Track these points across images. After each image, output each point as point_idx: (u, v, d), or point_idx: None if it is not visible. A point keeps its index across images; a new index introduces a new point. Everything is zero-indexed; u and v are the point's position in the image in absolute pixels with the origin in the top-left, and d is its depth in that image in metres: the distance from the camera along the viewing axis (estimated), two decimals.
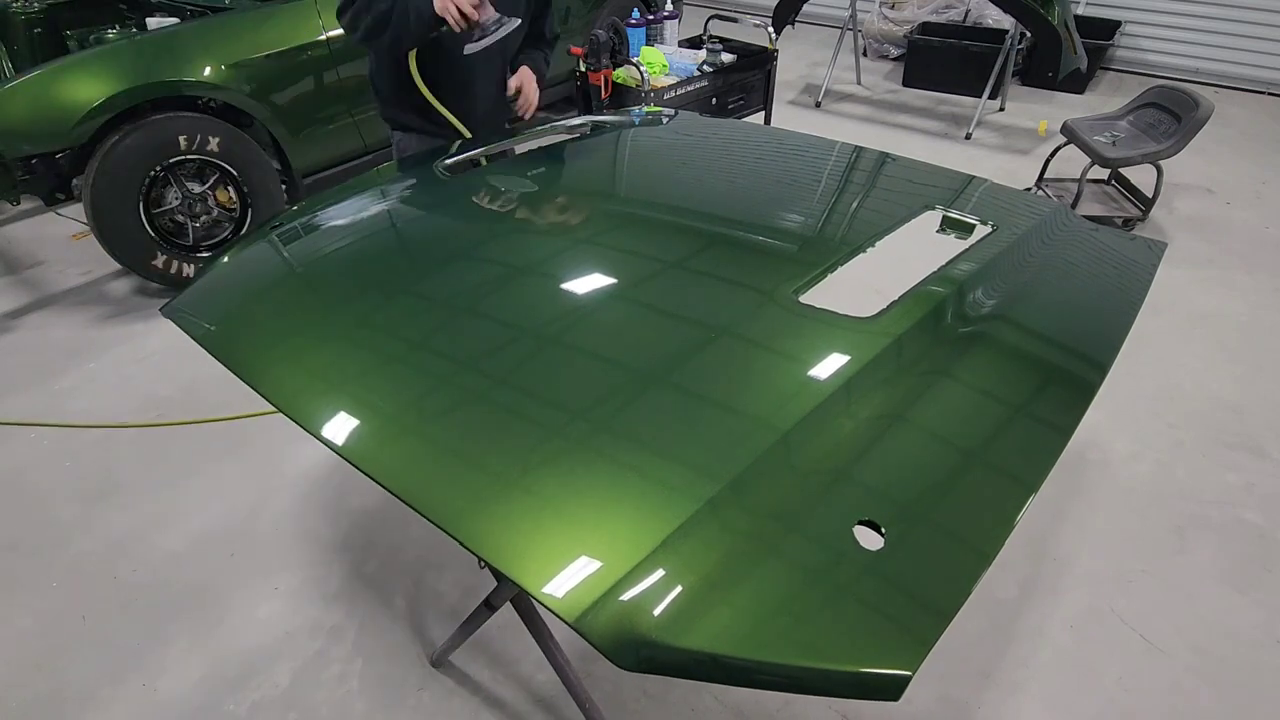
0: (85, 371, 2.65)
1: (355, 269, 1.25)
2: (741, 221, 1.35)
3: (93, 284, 3.17)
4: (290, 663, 1.75)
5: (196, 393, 2.53)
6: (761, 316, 1.07)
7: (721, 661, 0.70)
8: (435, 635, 1.79)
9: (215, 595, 1.90)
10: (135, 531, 2.06)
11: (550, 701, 1.66)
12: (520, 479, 0.86)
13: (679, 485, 0.83)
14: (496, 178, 1.56)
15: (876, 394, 0.97)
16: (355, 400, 0.96)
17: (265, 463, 2.27)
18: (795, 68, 5.42)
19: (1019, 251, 1.33)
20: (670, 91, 3.50)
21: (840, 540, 0.80)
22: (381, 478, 0.86)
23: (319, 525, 2.09)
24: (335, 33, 3.11)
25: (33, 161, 2.64)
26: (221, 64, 2.86)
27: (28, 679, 1.72)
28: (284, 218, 1.43)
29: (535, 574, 0.76)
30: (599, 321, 1.05)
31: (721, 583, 0.75)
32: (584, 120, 1.92)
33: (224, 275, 1.30)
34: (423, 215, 1.45)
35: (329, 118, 3.21)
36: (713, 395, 0.95)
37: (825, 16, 6.21)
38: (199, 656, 1.76)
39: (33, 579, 1.95)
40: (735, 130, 1.99)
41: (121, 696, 1.69)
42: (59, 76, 2.63)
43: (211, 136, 2.84)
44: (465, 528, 0.80)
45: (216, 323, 1.15)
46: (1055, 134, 4.02)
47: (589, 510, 0.83)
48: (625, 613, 0.72)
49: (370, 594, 1.91)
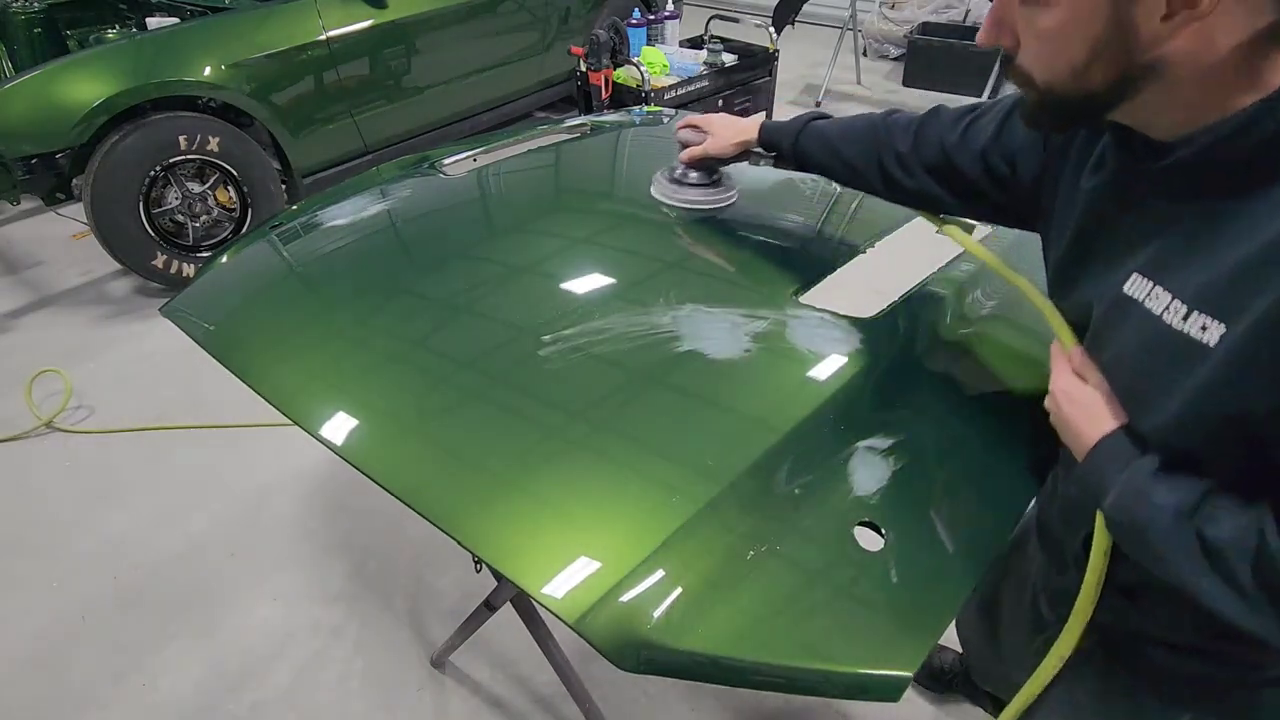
0: (85, 371, 2.65)
1: (355, 269, 1.24)
2: (741, 221, 1.34)
3: (93, 284, 3.17)
4: (290, 663, 1.75)
5: (196, 392, 2.53)
6: (761, 316, 1.07)
7: (721, 662, 0.70)
8: (435, 635, 1.79)
9: (215, 595, 1.90)
10: (135, 531, 2.06)
11: (550, 701, 1.66)
12: (520, 479, 0.85)
13: (679, 486, 0.83)
14: (496, 177, 1.56)
15: (877, 394, 0.97)
16: (355, 400, 0.96)
17: (265, 463, 2.27)
18: (795, 68, 5.42)
19: (1020, 250, 1.33)
20: (670, 92, 3.49)
21: (840, 540, 0.80)
22: (381, 478, 0.86)
23: (319, 525, 2.09)
24: (335, 32, 3.12)
25: (33, 161, 2.64)
26: (222, 64, 2.86)
27: (28, 679, 1.72)
28: (284, 218, 1.43)
29: (535, 574, 0.76)
30: (599, 321, 1.05)
31: (721, 583, 0.75)
32: (584, 120, 1.92)
33: (223, 275, 1.30)
34: (423, 215, 1.45)
35: (329, 118, 3.21)
36: (713, 396, 0.95)
37: (825, 16, 6.21)
38: (199, 656, 1.76)
39: (33, 579, 1.95)
40: None
41: (121, 696, 1.69)
42: (59, 76, 2.63)
43: (211, 136, 2.84)
44: (465, 528, 0.80)
45: (216, 323, 1.15)
46: None
47: (589, 511, 0.83)
48: (625, 613, 0.72)
49: (370, 594, 1.91)
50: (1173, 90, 0.58)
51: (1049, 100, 0.64)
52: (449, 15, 3.49)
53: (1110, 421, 0.69)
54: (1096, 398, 0.70)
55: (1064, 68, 0.61)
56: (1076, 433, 0.71)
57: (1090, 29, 0.57)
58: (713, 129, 1.23)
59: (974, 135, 0.92)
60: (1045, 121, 0.68)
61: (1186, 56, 0.56)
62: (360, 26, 3.20)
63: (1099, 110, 0.63)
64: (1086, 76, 0.60)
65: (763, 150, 1.17)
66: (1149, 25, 0.55)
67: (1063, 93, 0.62)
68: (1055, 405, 0.75)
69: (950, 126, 0.95)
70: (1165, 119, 0.62)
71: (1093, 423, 0.69)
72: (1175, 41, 0.55)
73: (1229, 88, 0.57)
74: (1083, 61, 0.59)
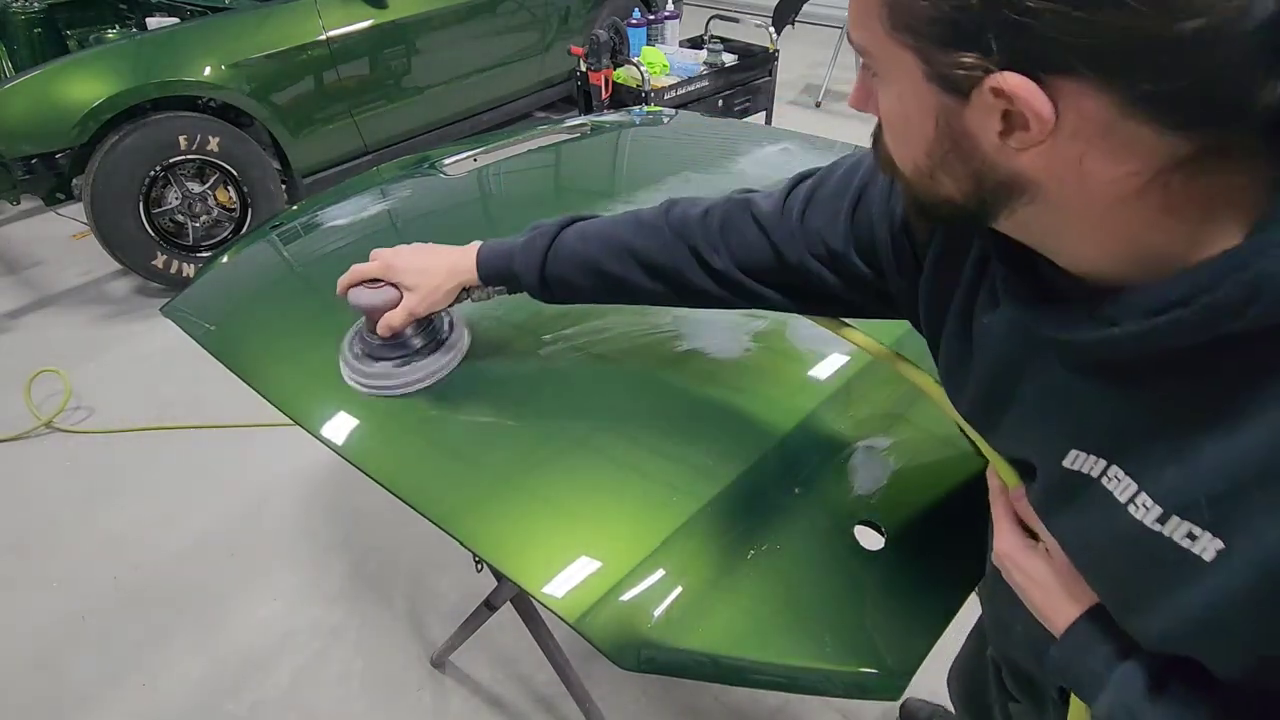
0: (85, 371, 2.65)
1: None
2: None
3: (93, 284, 3.17)
4: (290, 663, 1.75)
5: (197, 392, 2.53)
6: (761, 316, 1.07)
7: (721, 661, 0.70)
8: (435, 635, 1.79)
9: (215, 595, 1.90)
10: (135, 531, 2.06)
11: (550, 701, 1.66)
12: (520, 478, 0.86)
13: (680, 485, 0.83)
14: (496, 177, 1.56)
15: (877, 394, 0.97)
16: (355, 400, 0.96)
17: (266, 463, 2.27)
18: (795, 68, 5.42)
19: None
20: (670, 92, 3.49)
21: (840, 540, 0.80)
22: (382, 477, 0.86)
23: (319, 525, 2.09)
24: (335, 32, 3.12)
25: (33, 161, 2.64)
26: (222, 64, 2.86)
27: (28, 679, 1.72)
28: (284, 218, 1.43)
29: (535, 574, 0.76)
30: (599, 321, 1.05)
31: (722, 583, 0.75)
32: (584, 120, 1.92)
33: (224, 275, 1.30)
34: (423, 215, 1.45)
35: (329, 118, 3.21)
36: (713, 395, 0.95)
37: (825, 16, 6.21)
38: (199, 656, 1.76)
39: (33, 579, 1.95)
40: (734, 130, 1.99)
41: (121, 696, 1.69)
42: (59, 76, 2.63)
43: (211, 136, 2.84)
44: (465, 527, 0.80)
45: (216, 323, 1.15)
46: None
47: (589, 510, 0.83)
48: (626, 613, 0.72)
49: (370, 594, 1.91)
50: (1063, 216, 0.43)
51: (910, 196, 0.49)
52: (449, 15, 3.49)
53: (1074, 605, 0.54)
54: (1051, 574, 0.56)
55: (910, 166, 0.47)
56: (1036, 608, 0.58)
57: (921, 131, 0.44)
58: (405, 279, 0.87)
59: (815, 231, 0.70)
60: (919, 220, 0.53)
61: (1056, 180, 0.41)
62: (360, 26, 3.20)
63: (972, 219, 0.47)
64: (936, 182, 0.45)
65: (489, 287, 0.89)
66: (987, 139, 0.41)
67: (920, 192, 0.48)
68: (1005, 571, 0.60)
69: (777, 220, 0.73)
70: (1073, 251, 0.45)
71: (1053, 603, 0.56)
72: (1028, 161, 0.40)
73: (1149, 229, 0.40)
74: (926, 166, 0.45)
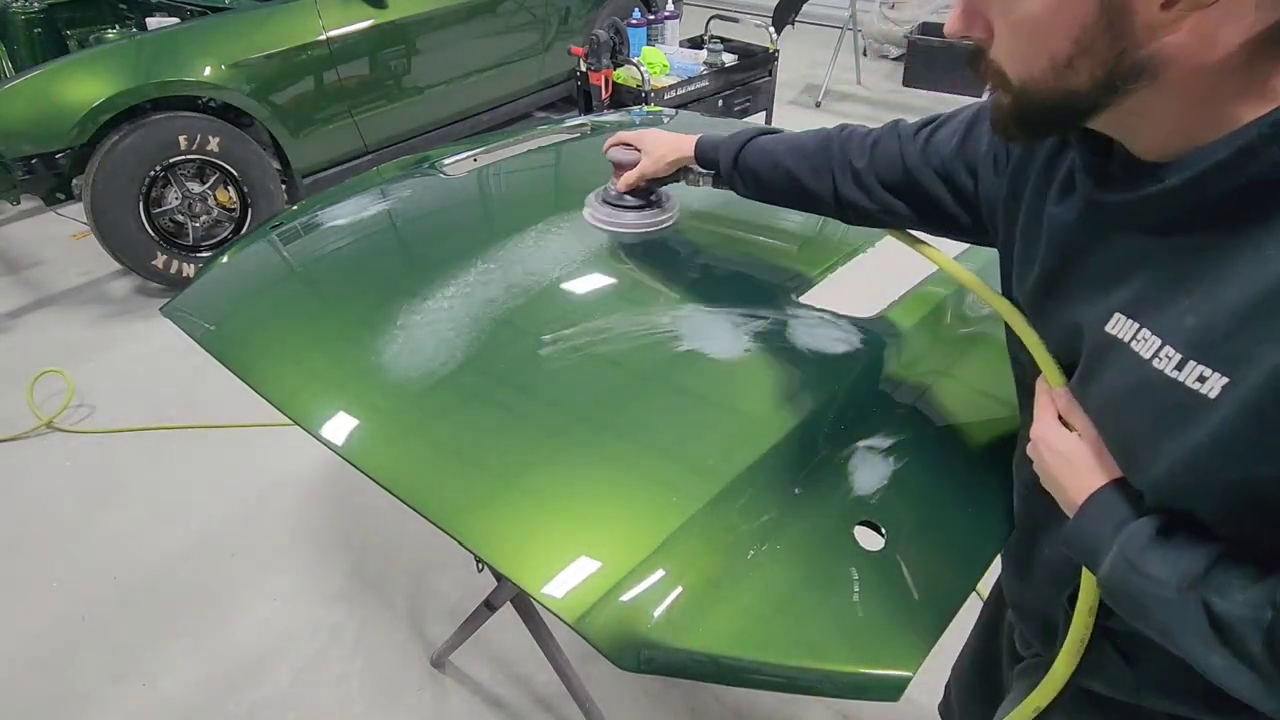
0: (86, 371, 2.65)
1: (355, 269, 1.25)
2: (741, 221, 1.35)
3: (93, 284, 3.17)
4: (290, 663, 1.75)
5: (197, 392, 2.53)
6: (761, 316, 1.07)
7: (722, 661, 0.70)
8: (435, 635, 1.79)
9: (215, 595, 1.90)
10: (135, 531, 2.06)
11: (550, 701, 1.66)
12: (520, 478, 0.85)
13: (679, 485, 0.83)
14: (496, 177, 1.56)
15: (876, 394, 0.97)
16: (355, 400, 0.96)
17: (266, 463, 2.27)
18: (795, 68, 5.42)
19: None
20: (670, 92, 3.50)
21: (840, 540, 0.80)
22: (381, 478, 0.86)
23: (319, 525, 2.09)
24: (335, 32, 3.12)
25: (33, 161, 2.64)
26: (222, 64, 2.86)
27: (28, 679, 1.72)
28: (284, 218, 1.43)
29: (535, 574, 0.76)
30: (599, 321, 1.05)
31: (722, 583, 0.75)
32: (584, 120, 1.92)
33: (224, 275, 1.30)
34: (423, 215, 1.45)
35: (329, 118, 3.21)
36: (713, 395, 0.95)
37: (825, 16, 6.21)
38: (199, 656, 1.76)
39: (33, 579, 1.95)
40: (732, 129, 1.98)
41: (121, 696, 1.69)
42: (59, 76, 2.64)
43: (211, 136, 2.84)
44: (465, 527, 0.80)
45: (216, 323, 1.15)
46: None
47: (589, 510, 0.83)
48: (626, 613, 0.72)
49: (370, 594, 1.91)
50: (1166, 96, 0.51)
51: (1023, 102, 0.56)
52: (449, 15, 3.49)
53: (1099, 476, 0.61)
54: (1082, 448, 0.62)
55: (1044, 62, 0.53)
56: (1061, 487, 0.64)
57: (1077, 16, 0.50)
58: (645, 146, 1.15)
59: (935, 148, 0.83)
60: (1016, 129, 0.59)
61: (1185, 54, 0.48)
62: (360, 26, 3.20)
63: (1079, 115, 0.55)
64: (1069, 73, 0.52)
65: (700, 169, 1.08)
66: (1146, 13, 0.47)
67: (1040, 93, 0.54)
68: (1037, 454, 0.67)
69: (910, 139, 0.87)
70: (1153, 131, 0.54)
71: (1079, 477, 0.62)
72: (1174, 34, 0.47)
73: (1228, 97, 0.50)
74: (1065, 55, 0.51)
